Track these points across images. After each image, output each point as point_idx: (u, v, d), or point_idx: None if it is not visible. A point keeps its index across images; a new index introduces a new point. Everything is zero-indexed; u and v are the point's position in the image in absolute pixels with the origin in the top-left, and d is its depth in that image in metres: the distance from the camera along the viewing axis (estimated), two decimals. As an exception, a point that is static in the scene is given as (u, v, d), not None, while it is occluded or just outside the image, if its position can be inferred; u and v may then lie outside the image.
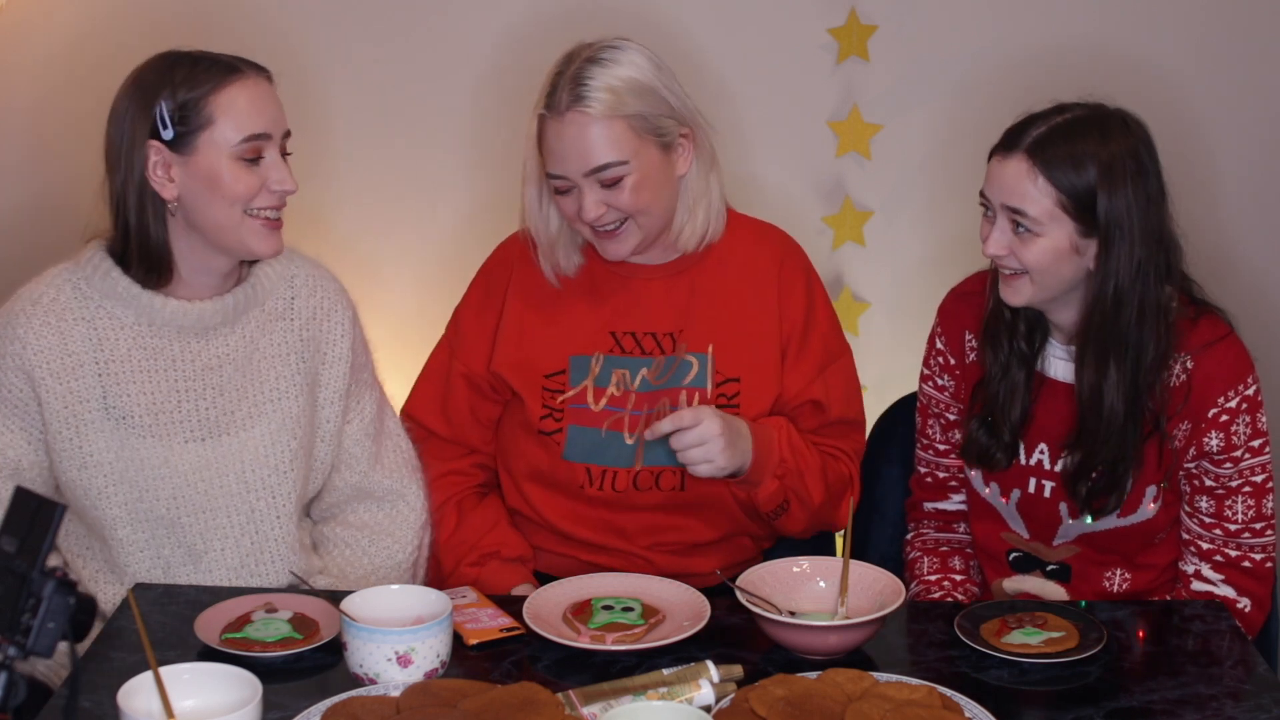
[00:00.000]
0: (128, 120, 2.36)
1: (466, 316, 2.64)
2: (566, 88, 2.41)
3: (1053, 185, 2.32)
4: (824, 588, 2.33)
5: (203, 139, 2.34)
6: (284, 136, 2.41)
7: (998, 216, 2.38)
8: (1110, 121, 2.37)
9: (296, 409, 2.49)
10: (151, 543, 2.42)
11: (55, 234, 2.78)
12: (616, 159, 2.42)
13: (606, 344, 2.56)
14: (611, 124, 2.41)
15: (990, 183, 2.39)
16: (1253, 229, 3.37)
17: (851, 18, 3.26)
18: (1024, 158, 2.34)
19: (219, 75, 2.35)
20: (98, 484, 2.40)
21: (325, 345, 2.53)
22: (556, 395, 2.56)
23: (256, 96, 2.37)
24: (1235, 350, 2.45)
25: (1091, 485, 2.45)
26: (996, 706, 2.05)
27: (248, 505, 2.46)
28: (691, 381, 2.55)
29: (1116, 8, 3.27)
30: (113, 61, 2.48)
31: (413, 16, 3.30)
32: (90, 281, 2.40)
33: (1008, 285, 2.41)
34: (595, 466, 2.55)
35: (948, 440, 2.65)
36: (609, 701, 2.03)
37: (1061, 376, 2.49)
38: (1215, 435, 2.43)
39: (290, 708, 2.05)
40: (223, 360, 2.45)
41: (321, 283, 2.56)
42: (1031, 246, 2.35)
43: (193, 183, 2.36)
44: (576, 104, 2.40)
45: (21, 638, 1.68)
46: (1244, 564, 2.47)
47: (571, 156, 2.42)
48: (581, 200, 2.44)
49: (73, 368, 2.38)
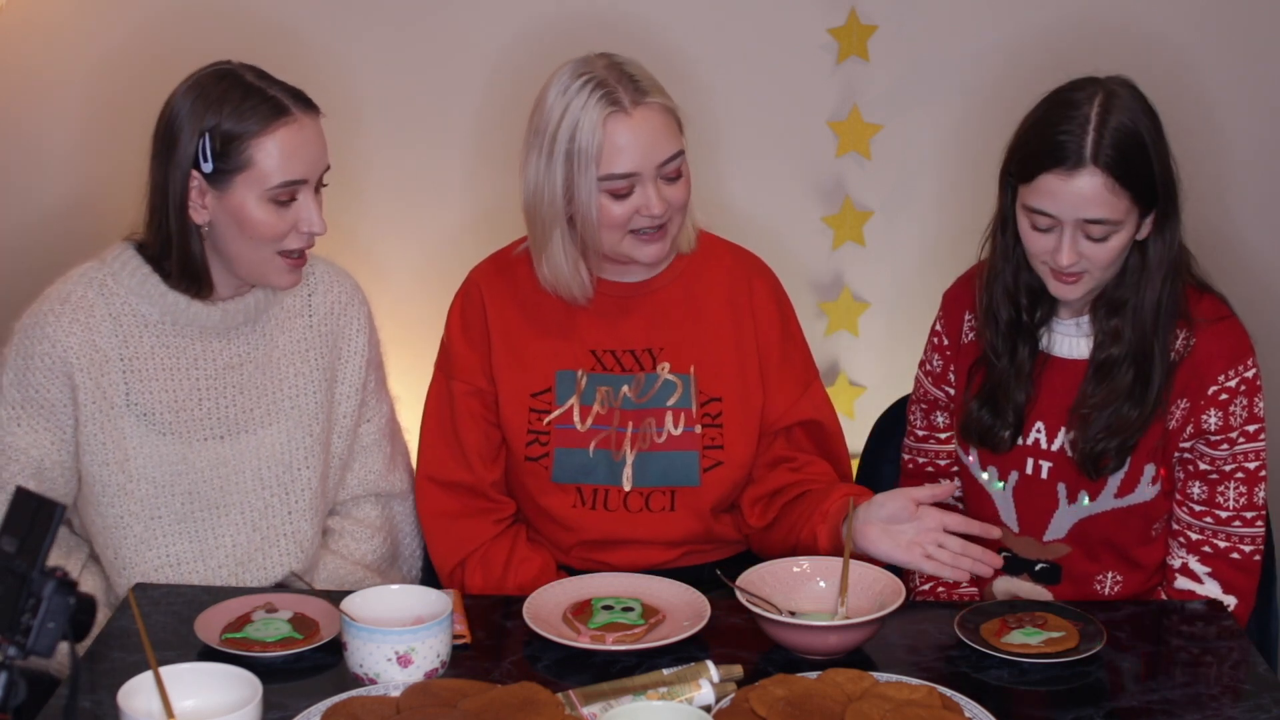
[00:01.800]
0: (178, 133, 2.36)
1: (455, 342, 2.59)
2: (625, 85, 2.40)
3: (1124, 185, 2.33)
4: (824, 588, 2.33)
5: (239, 179, 2.35)
6: (322, 173, 2.42)
7: (1066, 229, 2.36)
8: (1123, 95, 2.39)
9: (314, 406, 2.51)
10: (163, 539, 2.44)
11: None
12: (680, 148, 2.45)
13: (588, 361, 2.55)
14: (672, 115, 2.45)
15: (1054, 201, 2.35)
16: (1260, 216, 3.37)
17: (851, 18, 3.26)
18: (1095, 170, 2.33)
19: (266, 117, 2.34)
20: (118, 480, 2.41)
21: (342, 341, 2.55)
22: (542, 416, 2.54)
23: (301, 142, 2.37)
24: (1237, 331, 2.47)
25: (1100, 445, 2.44)
26: (996, 706, 2.05)
27: (261, 501, 2.48)
28: (676, 403, 2.54)
29: (1118, 11, 3.26)
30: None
31: (417, 19, 3.29)
32: (117, 279, 2.42)
33: (1069, 286, 2.40)
34: (586, 486, 2.55)
35: (928, 425, 2.66)
36: (609, 701, 2.03)
37: (1067, 353, 2.50)
38: (1213, 413, 2.43)
39: (290, 708, 2.05)
40: (243, 359, 2.47)
41: (338, 279, 2.58)
42: (1106, 246, 2.37)
43: (224, 216, 2.37)
44: (644, 97, 2.41)
45: (21, 638, 1.68)
46: (1232, 555, 2.47)
47: (646, 149, 2.41)
48: (648, 196, 2.42)
49: (100, 363, 2.40)
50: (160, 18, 3.23)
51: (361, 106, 3.30)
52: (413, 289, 3.36)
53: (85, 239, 2.67)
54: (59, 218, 3.30)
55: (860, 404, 3.37)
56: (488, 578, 2.55)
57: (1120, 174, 2.33)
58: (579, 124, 2.40)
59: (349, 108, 3.28)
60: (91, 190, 3.28)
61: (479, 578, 2.55)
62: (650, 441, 2.54)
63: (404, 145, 3.35)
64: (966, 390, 2.56)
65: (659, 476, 2.53)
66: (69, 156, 3.31)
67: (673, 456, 2.53)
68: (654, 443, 2.54)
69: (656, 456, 2.53)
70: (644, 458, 2.54)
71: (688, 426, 2.54)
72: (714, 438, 2.54)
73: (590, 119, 2.39)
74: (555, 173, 2.43)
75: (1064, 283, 2.41)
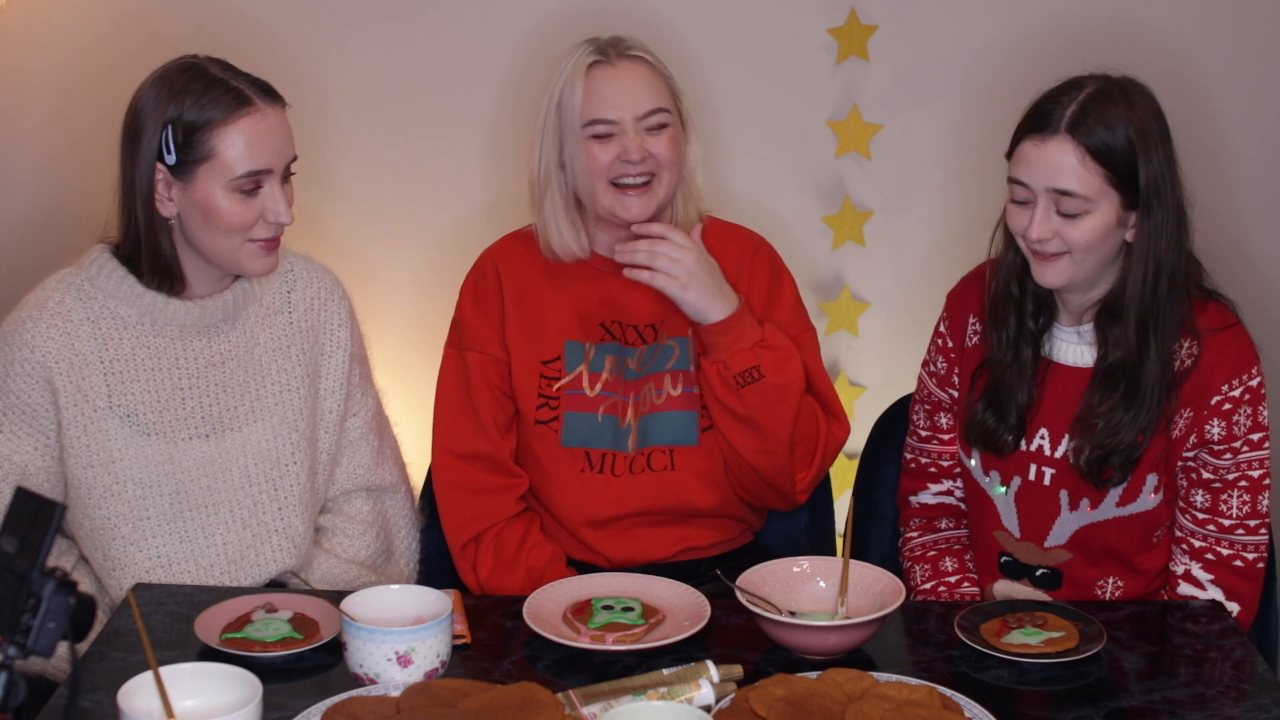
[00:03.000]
0: (143, 127, 2.37)
1: (467, 315, 2.64)
2: (612, 44, 2.54)
3: (1098, 161, 2.33)
4: (824, 588, 2.33)
5: (202, 170, 2.35)
6: (288, 164, 2.42)
7: (1039, 200, 2.36)
8: (1130, 88, 2.39)
9: (298, 401, 2.51)
10: (153, 540, 2.44)
11: (63, 240, 2.79)
12: (665, 105, 2.54)
13: (597, 334, 2.60)
14: (659, 75, 2.56)
15: (1028, 168, 2.36)
16: (1266, 218, 3.36)
17: (851, 18, 3.26)
18: (1066, 137, 2.33)
19: (228, 107, 2.35)
20: (104, 482, 2.41)
21: (324, 335, 2.56)
22: (553, 383, 2.59)
23: (263, 131, 2.37)
24: (1242, 339, 2.45)
25: (1103, 456, 2.43)
26: (996, 706, 2.05)
27: (250, 499, 2.48)
28: (674, 365, 2.59)
29: (1120, 12, 3.26)
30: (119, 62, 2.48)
31: (416, 17, 3.29)
32: (94, 283, 2.43)
33: (1047, 267, 2.40)
34: (595, 450, 2.58)
35: (931, 426, 2.66)
36: (609, 701, 2.03)
37: (1069, 360, 2.49)
38: (1217, 423, 2.43)
39: (290, 708, 2.05)
40: (225, 357, 2.47)
41: (317, 274, 2.58)
42: (1079, 225, 2.35)
43: (190, 208, 2.38)
44: (630, 51, 2.54)
45: (21, 638, 1.68)
46: (1235, 563, 2.47)
47: (627, 99, 2.51)
48: (626, 142, 2.50)
49: (80, 367, 2.40)
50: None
51: (352, 102, 3.31)
52: (403, 285, 3.36)
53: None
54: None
55: (860, 404, 3.37)
56: (500, 556, 2.57)
57: (1093, 148, 2.32)
58: (566, 77, 2.54)
59: (339, 103, 3.29)
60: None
61: (491, 555, 2.57)
62: (650, 404, 2.58)
63: (397, 141, 3.35)
64: (970, 393, 2.56)
65: (659, 435, 2.58)
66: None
67: (672, 416, 2.58)
68: (653, 404, 2.58)
69: (657, 417, 2.58)
70: (645, 420, 2.59)
71: (687, 387, 2.59)
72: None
73: (577, 70, 2.53)
74: (549, 126, 2.55)
75: (1042, 263, 2.40)
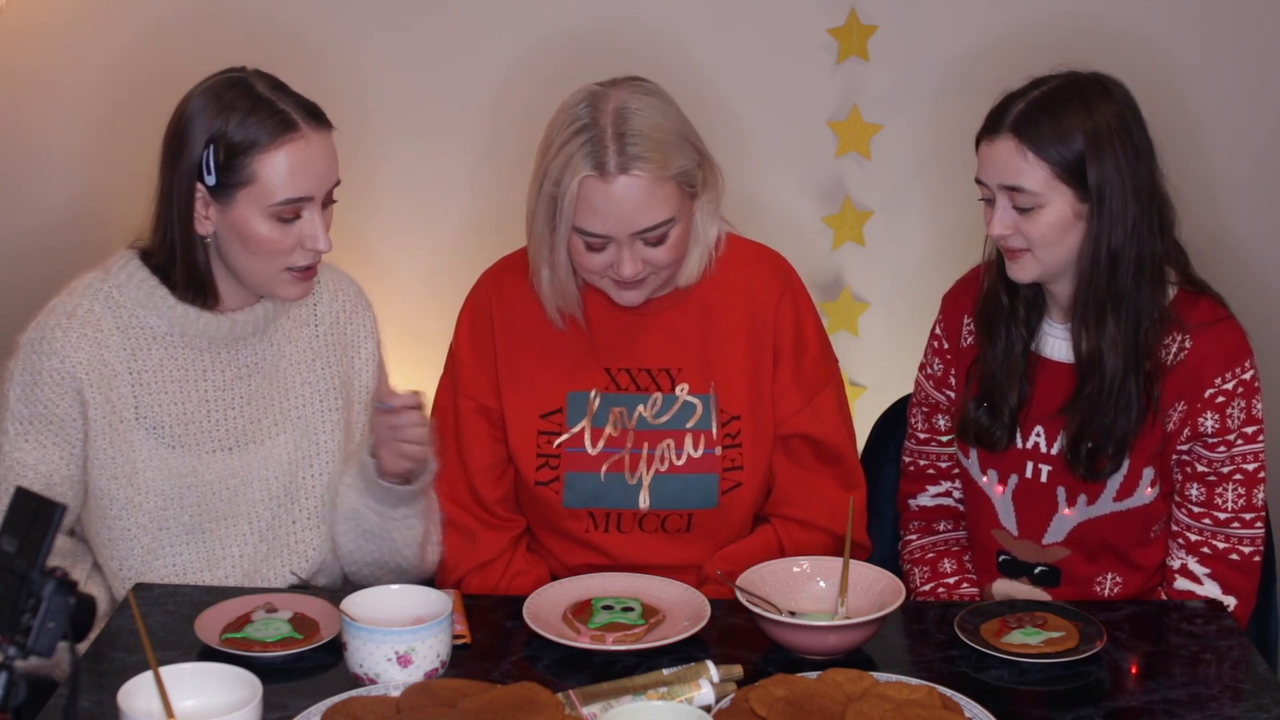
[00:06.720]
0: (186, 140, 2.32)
1: (463, 353, 2.56)
2: (615, 146, 2.32)
3: (1041, 158, 2.36)
4: (824, 588, 2.33)
5: (241, 194, 2.31)
6: (330, 189, 2.37)
7: (997, 198, 2.40)
8: (1088, 87, 2.40)
9: (321, 413, 2.49)
10: (170, 551, 2.42)
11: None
12: (666, 218, 2.37)
13: (602, 381, 2.51)
14: (663, 185, 2.35)
15: (983, 167, 2.42)
16: (1252, 215, 3.36)
17: (851, 18, 3.26)
18: (1010, 136, 2.37)
19: (274, 131, 2.30)
20: (126, 494, 2.39)
21: (352, 347, 2.54)
22: (552, 439, 2.52)
23: (307, 159, 2.32)
24: (1234, 333, 2.46)
25: (1092, 447, 2.44)
26: (996, 706, 2.05)
27: (269, 511, 2.46)
28: (696, 424, 2.50)
29: (1119, 10, 3.26)
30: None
31: (423, 22, 3.29)
32: (123, 291, 2.39)
33: (1014, 263, 2.43)
34: (599, 510, 2.52)
35: (929, 428, 2.66)
36: (609, 701, 2.03)
37: (1059, 356, 2.50)
38: (1210, 416, 2.43)
39: (290, 708, 2.05)
40: (251, 370, 2.45)
41: (343, 286, 2.56)
42: (1035, 221, 2.38)
43: (227, 231, 2.34)
44: (631, 165, 2.32)
45: (21, 638, 1.68)
46: (1231, 556, 2.47)
47: (621, 218, 2.34)
48: (620, 257, 2.37)
49: (109, 378, 2.37)
50: (167, 20, 3.22)
51: (370, 108, 3.30)
52: (419, 290, 3.35)
53: (88, 246, 2.66)
54: (61, 224, 3.30)
55: (860, 404, 3.37)
56: (484, 586, 2.53)
57: (1033, 142, 2.35)
58: (563, 173, 2.35)
59: (357, 109, 3.28)
60: (94, 196, 3.28)
61: (475, 586, 2.53)
62: (669, 464, 2.50)
63: (412, 147, 3.35)
64: (965, 391, 2.56)
65: (676, 499, 2.50)
66: (72, 161, 3.31)
67: (691, 479, 2.50)
68: (673, 464, 2.50)
69: (675, 479, 2.50)
70: (661, 480, 2.50)
71: (708, 449, 2.50)
72: (734, 459, 2.50)
73: (572, 174, 2.34)
74: (543, 203, 2.40)
75: (1010, 259, 2.43)
